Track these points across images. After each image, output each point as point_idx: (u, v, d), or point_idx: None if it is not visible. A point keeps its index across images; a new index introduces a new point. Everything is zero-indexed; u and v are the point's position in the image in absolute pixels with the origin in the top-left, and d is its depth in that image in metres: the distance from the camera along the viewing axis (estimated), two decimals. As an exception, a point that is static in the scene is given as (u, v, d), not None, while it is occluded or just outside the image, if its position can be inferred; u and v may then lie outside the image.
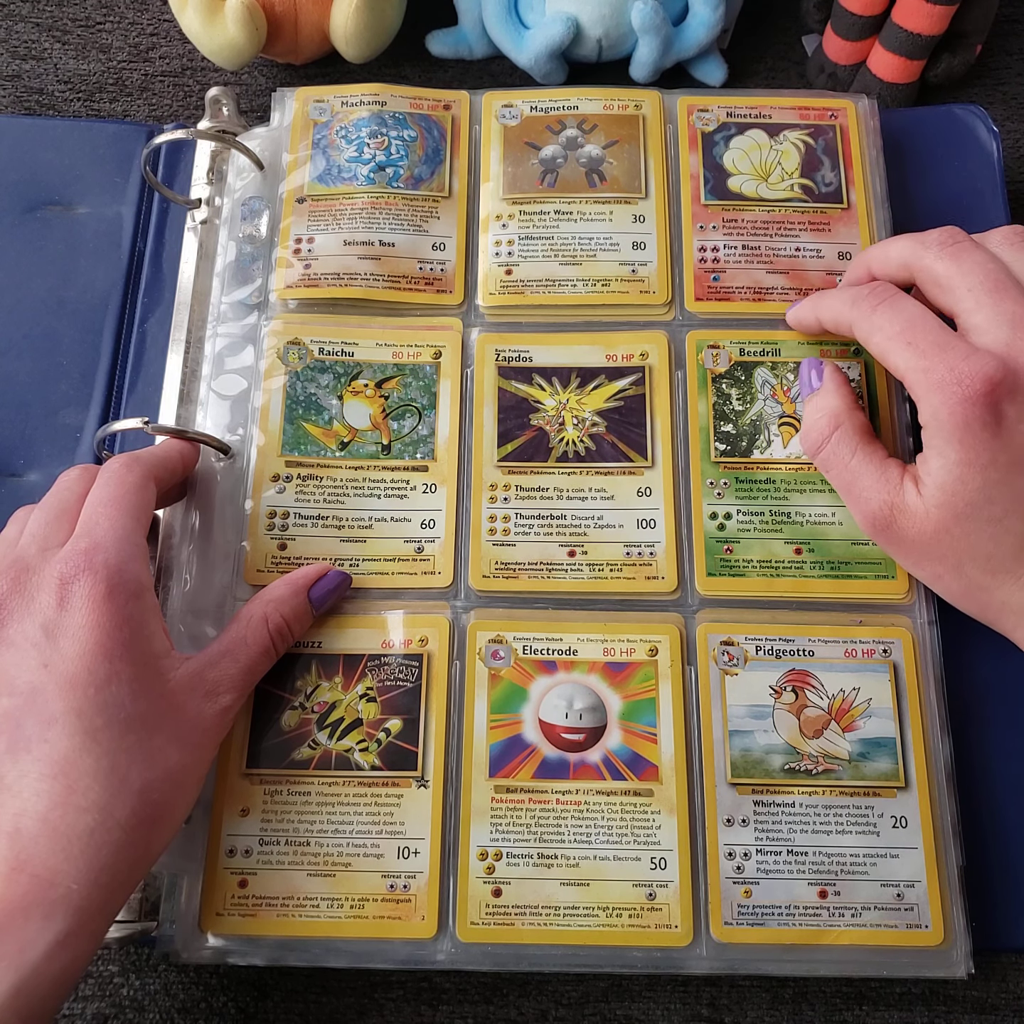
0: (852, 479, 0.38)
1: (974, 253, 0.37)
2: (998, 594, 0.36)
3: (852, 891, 0.36)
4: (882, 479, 0.37)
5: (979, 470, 0.34)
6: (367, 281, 0.45)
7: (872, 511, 0.37)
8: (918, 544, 0.37)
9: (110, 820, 0.31)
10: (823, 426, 0.39)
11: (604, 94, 0.48)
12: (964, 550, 0.36)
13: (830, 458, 0.39)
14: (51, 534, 0.36)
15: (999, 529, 0.35)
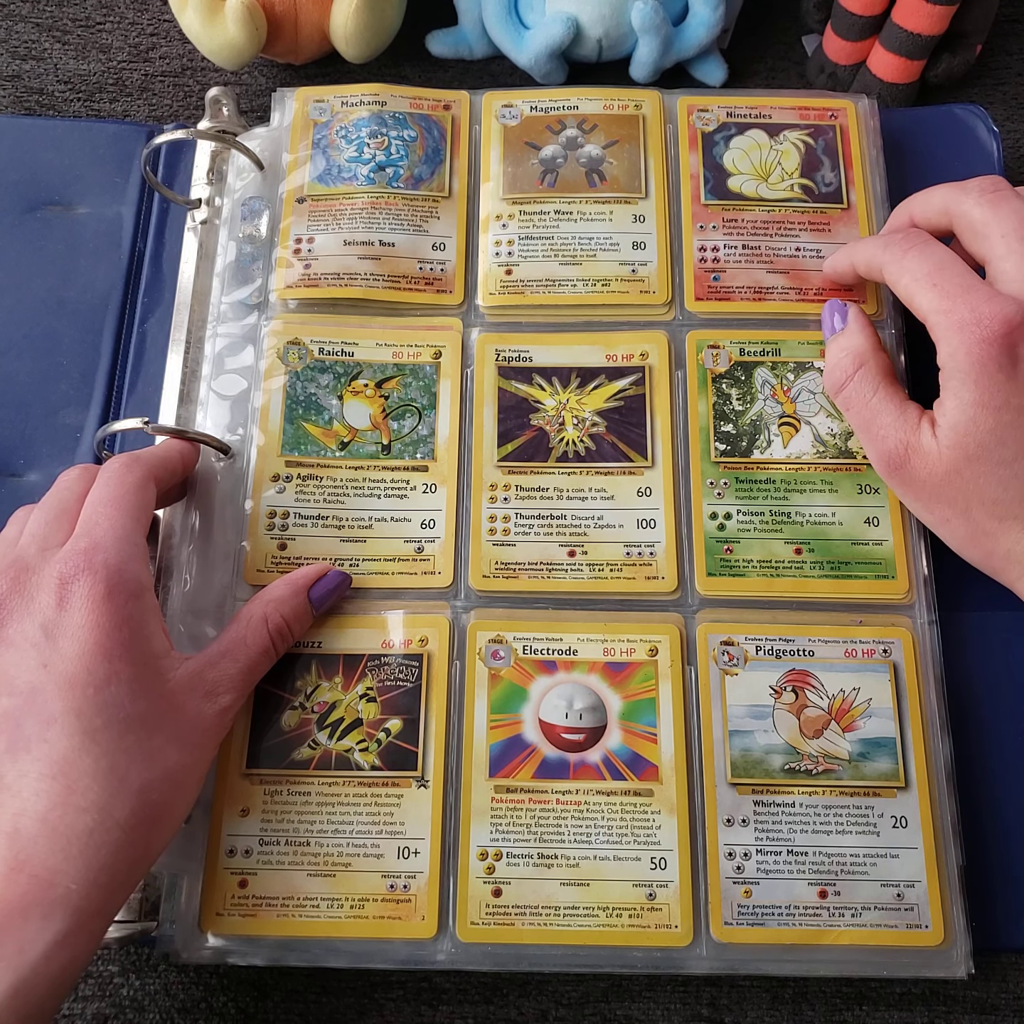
0: (871, 417, 0.38)
1: (1013, 201, 0.37)
2: (1003, 541, 0.36)
3: (852, 891, 0.36)
4: (900, 418, 0.37)
5: (992, 411, 0.35)
6: (367, 281, 0.45)
7: (888, 449, 0.38)
8: (929, 485, 0.37)
9: (109, 820, 0.31)
10: (847, 364, 0.39)
11: (604, 94, 0.48)
12: (973, 493, 0.36)
13: (852, 396, 0.39)
14: (51, 534, 0.36)
15: (1008, 472, 0.35)
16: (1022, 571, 0.37)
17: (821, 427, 0.42)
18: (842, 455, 0.42)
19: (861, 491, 0.41)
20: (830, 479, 0.42)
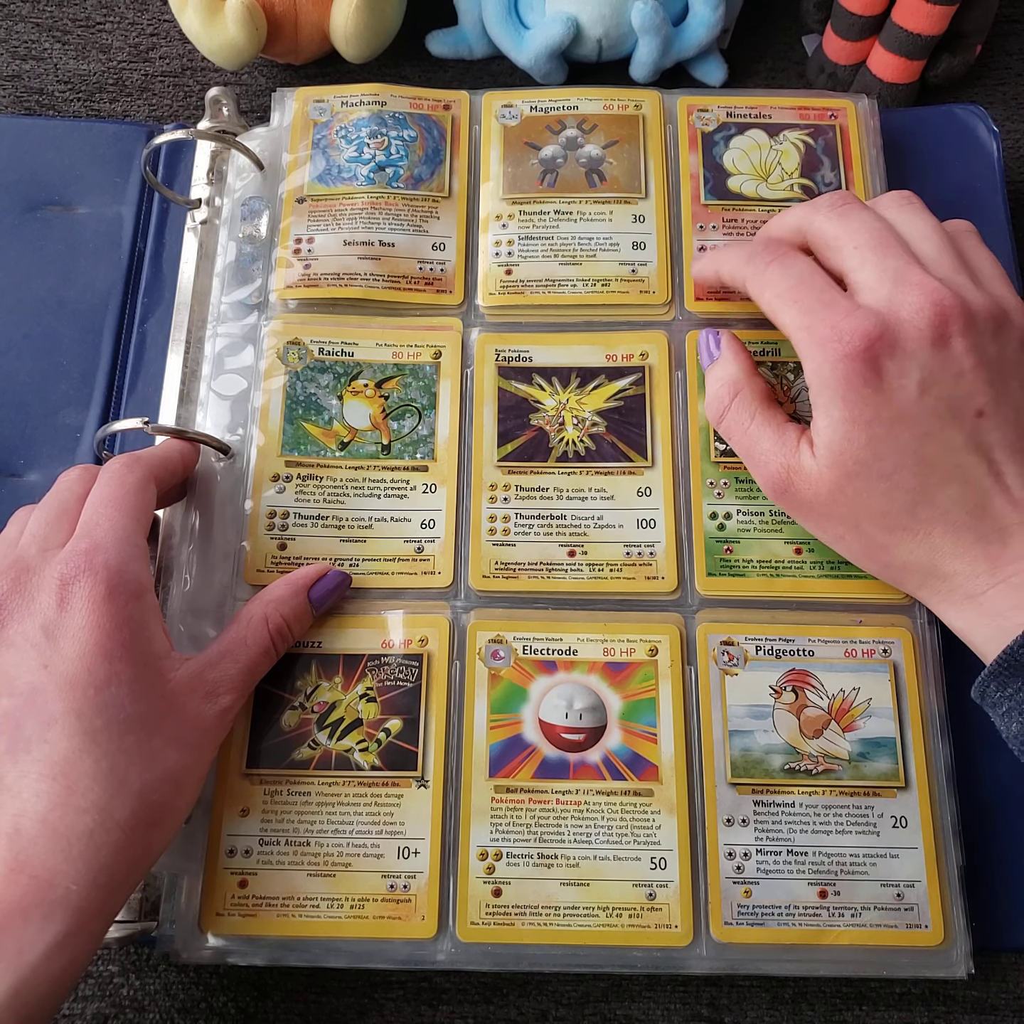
0: (751, 444, 0.38)
1: (860, 213, 0.37)
2: (897, 552, 0.36)
3: (852, 891, 0.36)
4: (779, 442, 0.37)
5: (863, 426, 0.35)
6: (367, 281, 0.45)
7: (771, 474, 0.38)
8: (816, 506, 0.37)
9: (109, 821, 0.31)
10: (723, 395, 0.39)
11: (604, 94, 0.48)
12: (860, 509, 0.36)
13: (731, 425, 0.39)
14: (51, 534, 0.36)
15: (890, 485, 0.35)
16: (921, 580, 0.37)
17: (821, 427, 0.42)
18: (842, 455, 0.42)
19: (861, 491, 0.41)
20: (830, 479, 0.41)
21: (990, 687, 0.34)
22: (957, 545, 0.35)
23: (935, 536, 0.35)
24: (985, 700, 0.35)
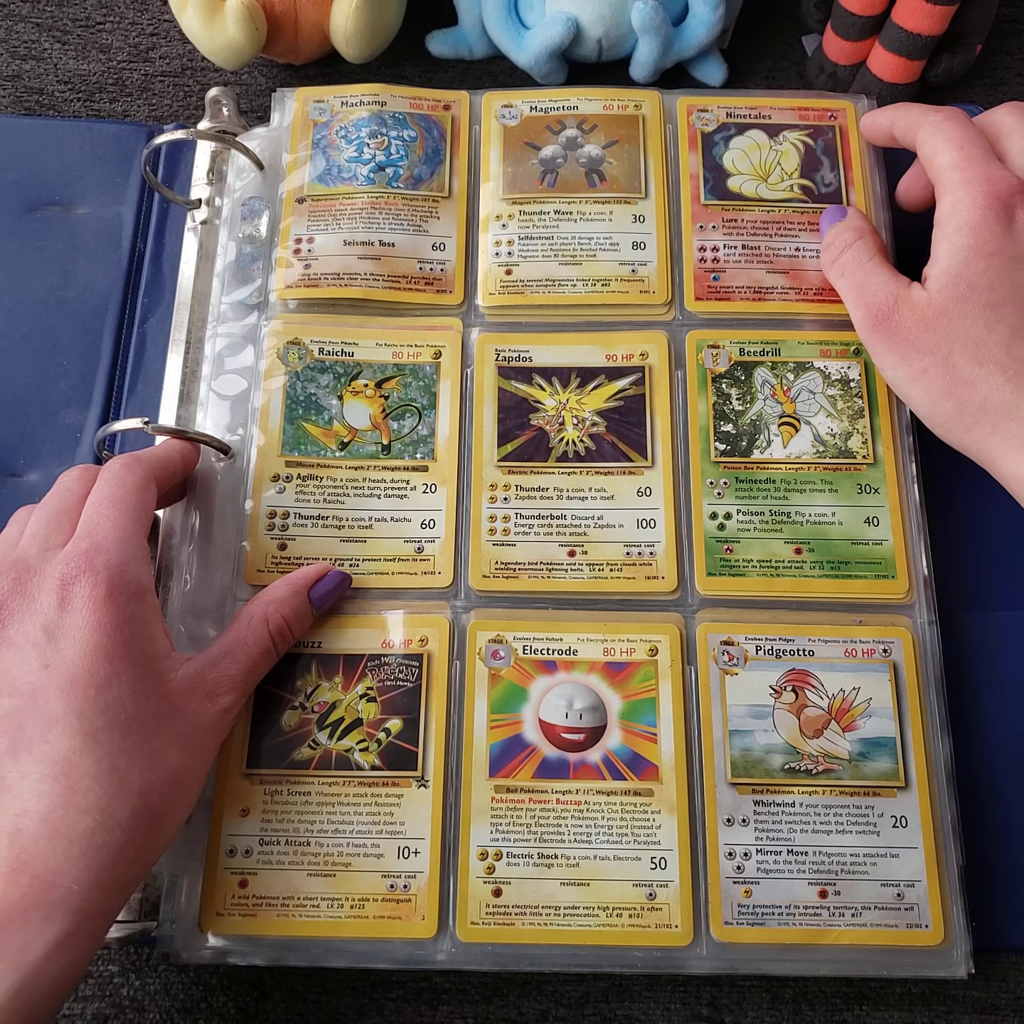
0: (866, 276, 0.41)
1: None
2: (982, 388, 0.37)
3: (852, 891, 0.36)
4: (893, 276, 0.40)
5: (984, 256, 0.37)
6: (367, 281, 0.45)
7: (878, 302, 0.39)
8: (913, 334, 0.38)
9: (111, 821, 0.31)
10: (848, 236, 0.42)
11: (604, 94, 0.48)
12: (957, 335, 0.37)
13: (848, 261, 0.42)
14: (52, 534, 0.36)
15: (994, 316, 0.37)
16: (996, 423, 0.37)
17: (821, 427, 0.42)
18: (842, 455, 0.42)
19: (861, 491, 0.41)
20: (830, 479, 0.42)
21: None
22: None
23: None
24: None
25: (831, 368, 0.43)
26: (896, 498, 0.41)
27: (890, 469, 0.42)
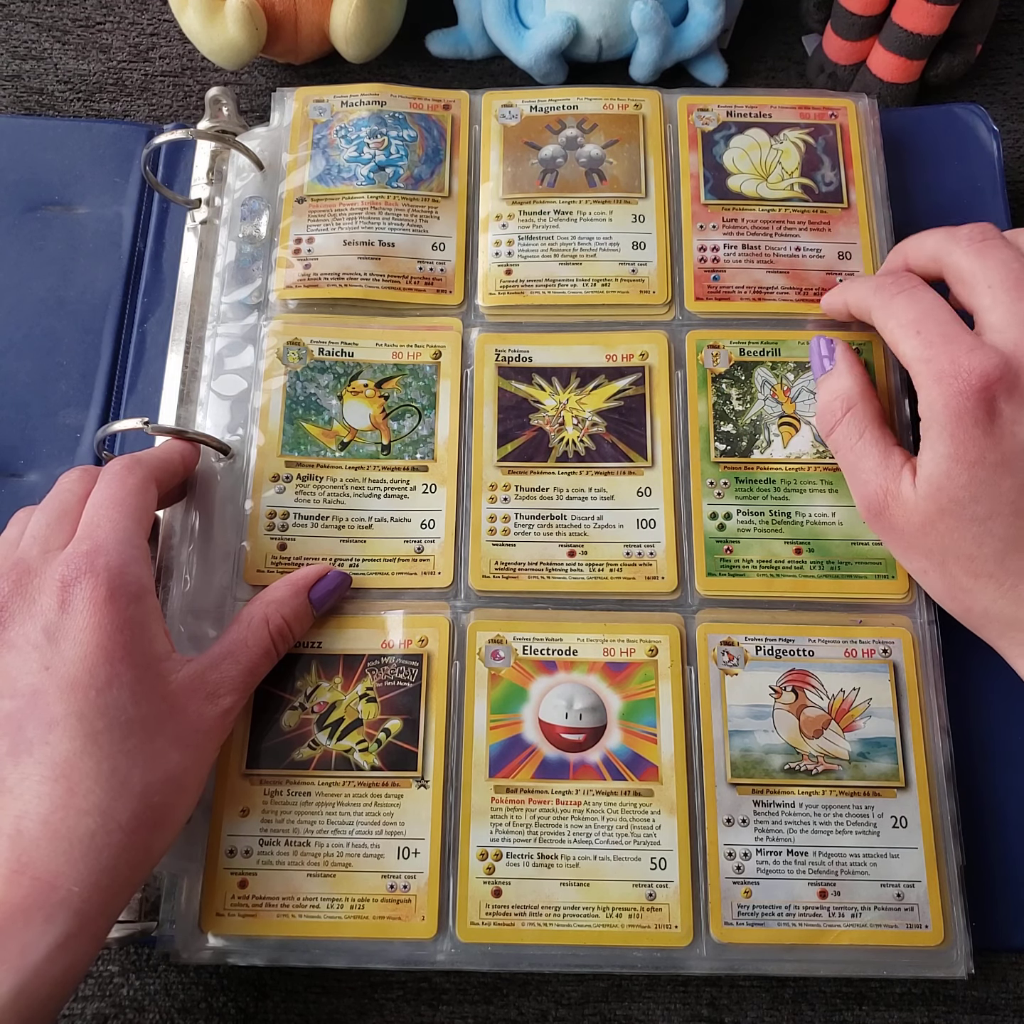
0: (856, 461, 0.38)
1: (1000, 251, 0.36)
2: (980, 598, 0.36)
3: (852, 891, 0.36)
4: (883, 464, 0.37)
5: (966, 466, 0.34)
6: (367, 281, 0.45)
7: (869, 494, 0.37)
8: (906, 535, 0.37)
9: (111, 823, 0.31)
10: (836, 408, 0.39)
11: (604, 94, 0.48)
12: (948, 547, 0.36)
13: (839, 439, 0.39)
14: (52, 536, 0.36)
15: (982, 530, 0.35)
16: (1002, 629, 0.36)
17: (821, 427, 0.42)
18: (842, 455, 0.42)
19: (861, 491, 0.41)
20: (830, 479, 0.42)
21: None
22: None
23: (1021, 589, 0.35)
24: None
25: (831, 368, 0.43)
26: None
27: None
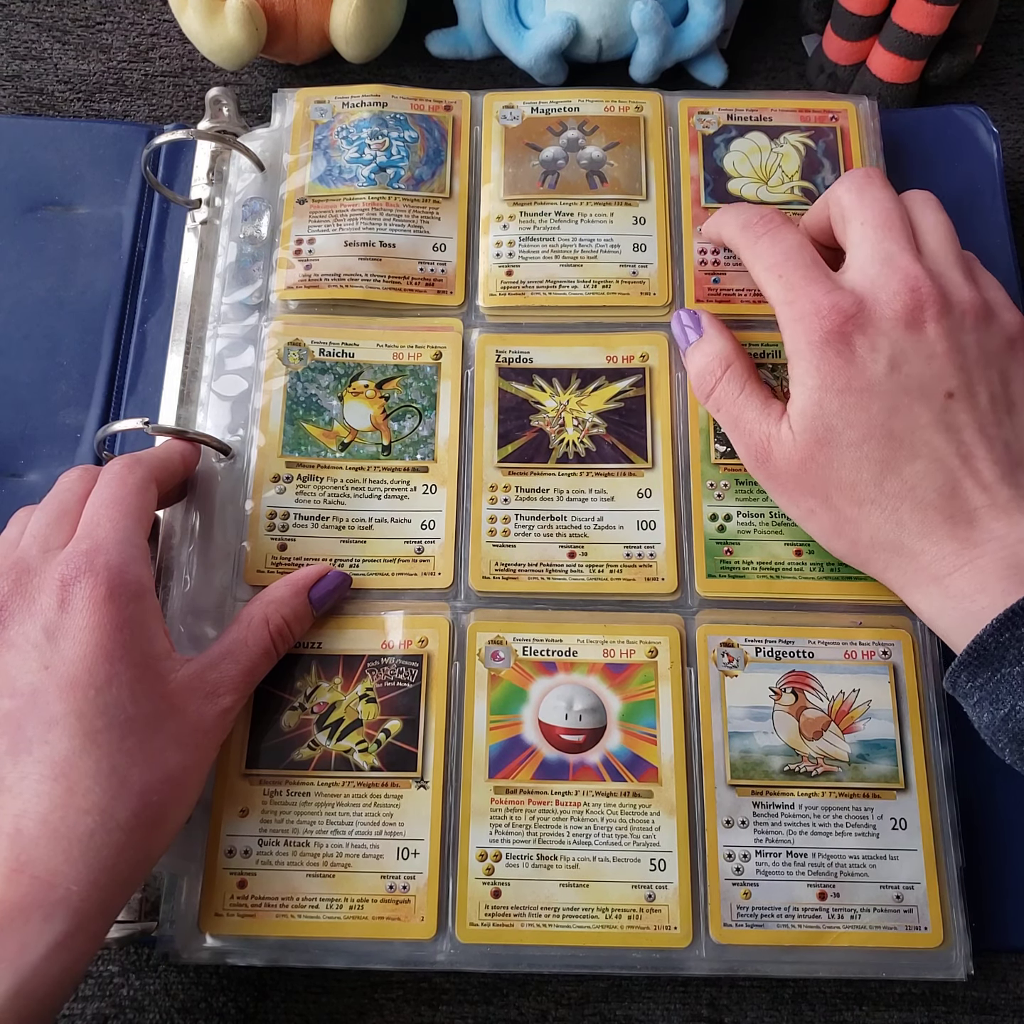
0: (739, 414, 0.39)
1: (879, 191, 0.38)
2: (865, 527, 0.36)
3: (851, 893, 0.36)
4: (764, 412, 0.38)
5: (835, 394, 0.36)
6: (368, 282, 0.45)
7: (753, 443, 0.38)
8: (790, 476, 0.37)
9: (110, 822, 0.31)
10: (714, 367, 0.40)
11: (605, 95, 0.48)
12: (830, 478, 0.36)
13: (721, 396, 0.40)
14: (52, 535, 0.36)
15: (859, 455, 0.35)
16: (887, 559, 0.36)
17: (821, 428, 0.42)
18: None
19: (861, 492, 0.41)
20: (830, 480, 0.41)
21: (960, 677, 0.34)
22: (924, 524, 0.35)
23: (902, 512, 0.35)
24: (956, 690, 0.35)
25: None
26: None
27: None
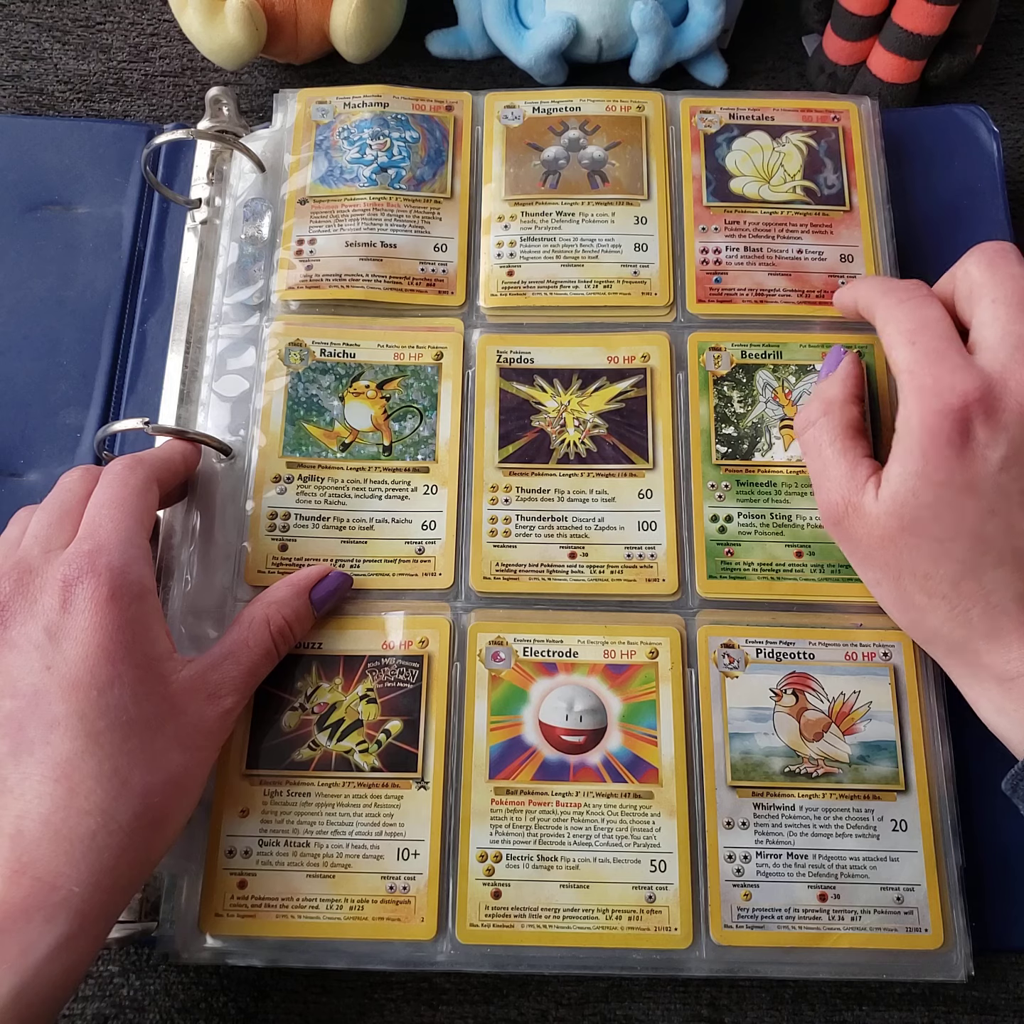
0: (823, 467, 0.38)
1: (1014, 267, 0.35)
2: (931, 618, 0.36)
3: (852, 894, 0.36)
4: (849, 474, 0.37)
5: (933, 486, 0.34)
6: (369, 282, 0.45)
7: (831, 503, 0.37)
8: (863, 546, 0.36)
9: (112, 823, 0.31)
10: (812, 410, 0.39)
11: (606, 95, 0.48)
12: (905, 563, 0.35)
13: (809, 442, 0.39)
14: (53, 535, 0.36)
15: (941, 550, 0.34)
16: (948, 650, 0.36)
17: (822, 429, 0.42)
18: (843, 457, 0.42)
19: (861, 493, 0.41)
20: (831, 481, 0.41)
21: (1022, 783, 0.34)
22: (994, 627, 0.34)
23: (973, 614, 0.34)
24: (1017, 793, 0.34)
25: (832, 370, 0.43)
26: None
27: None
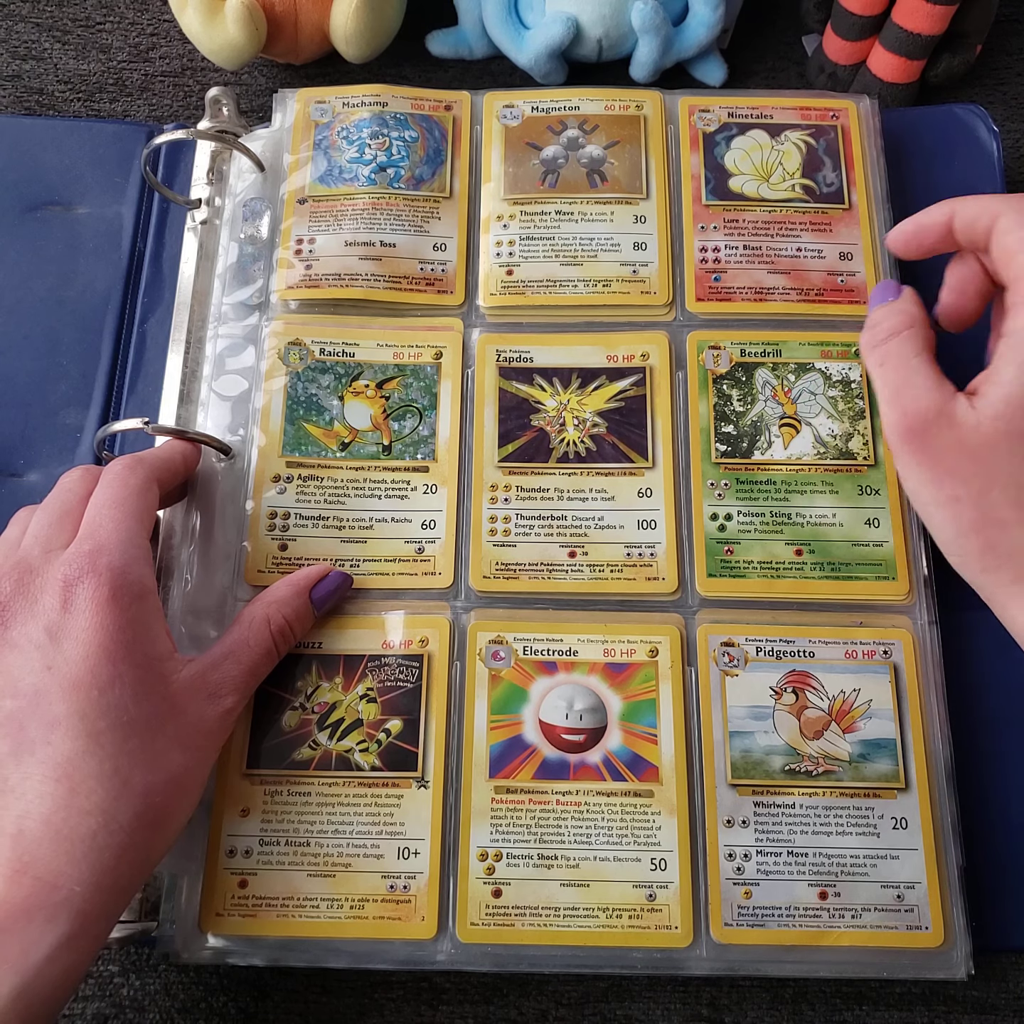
0: (909, 375, 0.36)
1: None
2: (1015, 533, 0.34)
3: (852, 892, 0.36)
4: (940, 384, 0.35)
5: None
6: (368, 282, 0.45)
7: (918, 409, 0.35)
8: (949, 457, 0.34)
9: (113, 823, 0.31)
10: (897, 322, 0.37)
11: (605, 94, 0.48)
12: (1001, 472, 0.33)
13: (892, 351, 0.36)
14: (54, 535, 0.35)
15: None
16: (1018, 573, 0.34)
17: (822, 428, 0.42)
18: (843, 456, 0.42)
19: (862, 492, 0.41)
20: (831, 480, 0.42)
21: None
22: None
23: None
24: None
25: (832, 369, 0.43)
26: (897, 499, 0.41)
27: (891, 471, 0.42)
